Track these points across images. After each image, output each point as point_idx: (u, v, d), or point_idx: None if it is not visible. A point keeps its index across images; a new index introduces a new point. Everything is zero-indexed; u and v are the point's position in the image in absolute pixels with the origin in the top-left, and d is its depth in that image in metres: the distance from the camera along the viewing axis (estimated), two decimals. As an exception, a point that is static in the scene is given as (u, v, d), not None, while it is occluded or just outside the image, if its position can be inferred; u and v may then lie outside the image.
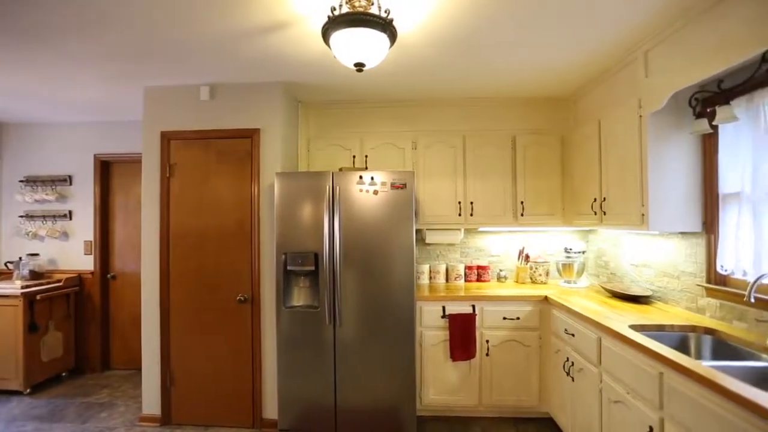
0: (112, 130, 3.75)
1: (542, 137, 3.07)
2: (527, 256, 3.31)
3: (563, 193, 3.07)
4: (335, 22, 1.63)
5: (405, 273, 2.52)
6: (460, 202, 3.07)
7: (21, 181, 3.78)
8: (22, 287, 3.25)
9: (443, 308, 2.76)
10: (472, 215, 3.07)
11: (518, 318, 2.74)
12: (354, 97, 3.10)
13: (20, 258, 3.62)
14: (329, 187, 2.54)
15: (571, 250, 3.17)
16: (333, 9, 1.64)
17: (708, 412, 1.31)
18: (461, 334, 2.71)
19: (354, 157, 3.13)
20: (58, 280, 3.59)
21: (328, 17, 1.64)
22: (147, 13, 1.84)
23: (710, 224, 2.09)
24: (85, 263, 3.76)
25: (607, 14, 1.88)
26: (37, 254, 3.73)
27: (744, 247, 1.85)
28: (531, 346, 2.74)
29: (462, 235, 3.28)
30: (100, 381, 3.57)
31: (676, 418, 1.46)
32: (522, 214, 3.06)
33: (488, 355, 2.74)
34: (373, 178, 2.54)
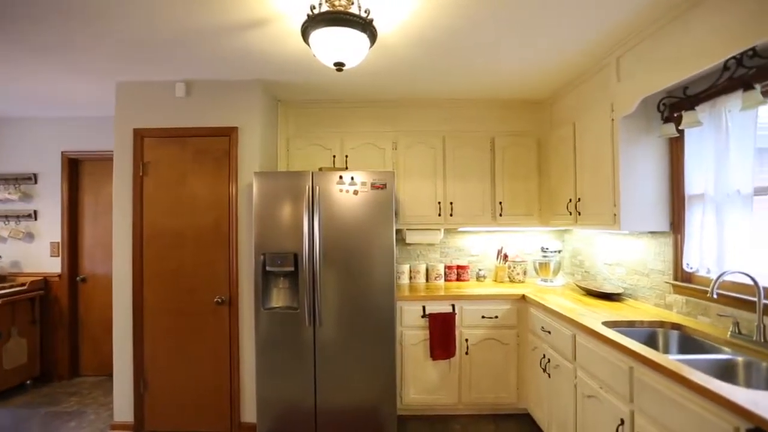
0: (81, 126, 3.60)
1: (520, 139, 3.13)
2: (506, 256, 3.37)
3: (540, 193, 3.14)
4: (315, 21, 1.61)
5: (385, 273, 2.53)
6: (440, 203, 3.10)
7: (-19, 180, 3.59)
8: (-18, 291, 3.08)
9: (423, 308, 2.78)
10: (451, 215, 3.10)
11: (497, 317, 2.79)
12: (334, 96, 3.09)
13: (-20, 260, 3.44)
14: (309, 187, 2.52)
15: (547, 249, 3.24)
16: (312, 7, 1.63)
17: (674, 403, 1.37)
18: (441, 334, 2.73)
19: (334, 157, 3.11)
20: (22, 284, 3.41)
21: (308, 16, 1.63)
22: (117, 4, 1.78)
23: (677, 224, 2.18)
24: (52, 265, 3.60)
25: (582, 20, 1.93)
26: (-2, 256, 3.55)
27: (707, 246, 1.94)
28: (509, 344, 2.79)
29: (442, 235, 3.32)
30: (69, 389, 3.42)
31: (646, 410, 1.52)
32: (500, 215, 3.11)
33: (468, 353, 2.78)
34: (353, 178, 2.53)
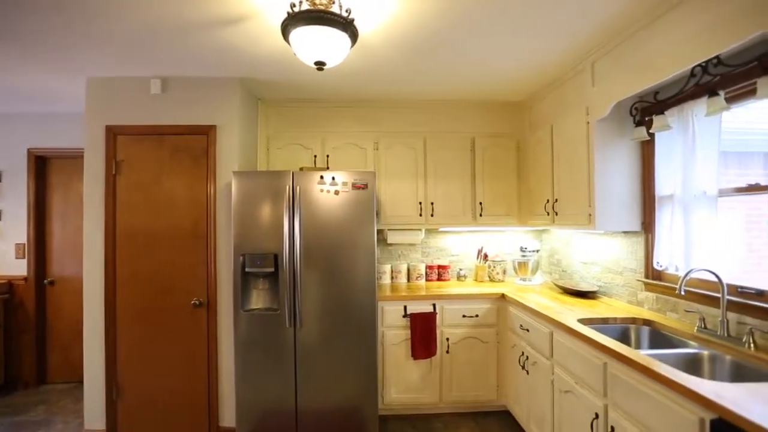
0: (49, 122, 3.45)
1: (500, 140, 3.19)
2: (486, 255, 3.42)
3: (519, 194, 3.20)
4: (295, 19, 1.60)
5: (366, 273, 2.52)
6: (421, 203, 3.12)
7: (-61, 178, 3.39)
8: (-59, 296, 2.91)
9: (405, 308, 2.79)
10: (432, 215, 3.12)
11: (477, 315, 2.82)
12: (316, 96, 3.07)
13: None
14: (289, 187, 2.49)
15: (526, 249, 3.31)
16: (293, 5, 1.61)
17: (645, 397, 1.42)
18: (422, 333, 2.75)
19: (315, 156, 3.09)
20: (-15, 287, 3.25)
21: (288, 13, 1.61)
22: (89, -2, 1.71)
23: (648, 224, 2.26)
24: (17, 268, 3.44)
25: (559, 25, 1.98)
26: (-42, 259, 3.36)
27: (676, 245, 2.02)
28: (489, 342, 2.83)
29: (423, 235, 3.34)
30: (35, 397, 3.27)
31: (619, 404, 1.57)
32: (481, 215, 3.16)
33: (448, 352, 2.81)
34: (334, 178, 2.52)
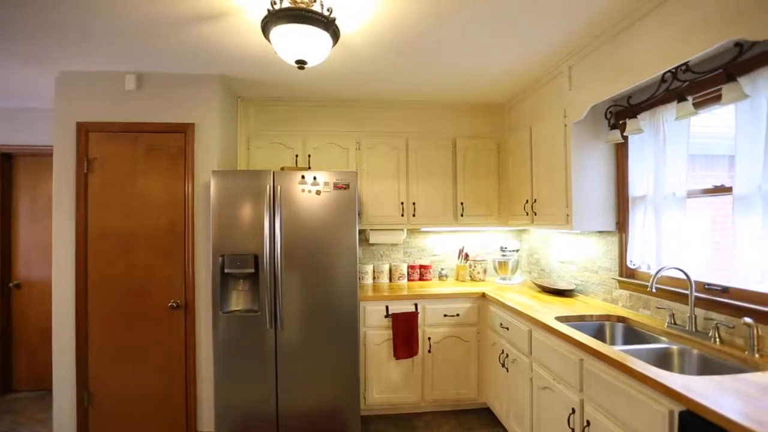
0: (16, 118, 3.29)
1: (480, 141, 3.23)
2: (467, 255, 3.46)
3: (499, 194, 3.26)
4: (275, 17, 1.58)
5: (348, 274, 2.51)
6: (402, 203, 3.13)
7: None
8: None
9: (387, 308, 2.79)
10: (414, 216, 3.14)
11: (458, 315, 2.85)
12: (297, 94, 3.04)
13: None
14: (270, 187, 2.46)
15: (506, 248, 3.37)
16: (273, 2, 1.59)
17: (619, 391, 1.47)
18: (404, 333, 2.76)
19: (297, 156, 3.06)
20: (-55, 291, 3.08)
21: (268, 11, 1.59)
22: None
23: (622, 224, 2.33)
24: (-19, 271, 3.27)
25: (538, 30, 2.02)
26: None
27: (648, 244, 2.09)
28: (470, 341, 2.86)
29: (405, 235, 3.35)
30: (0, 406, 3.12)
31: (594, 398, 1.61)
32: (462, 215, 3.19)
33: (430, 351, 2.82)
34: (315, 178, 2.50)
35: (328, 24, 1.64)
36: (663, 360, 1.73)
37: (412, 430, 2.68)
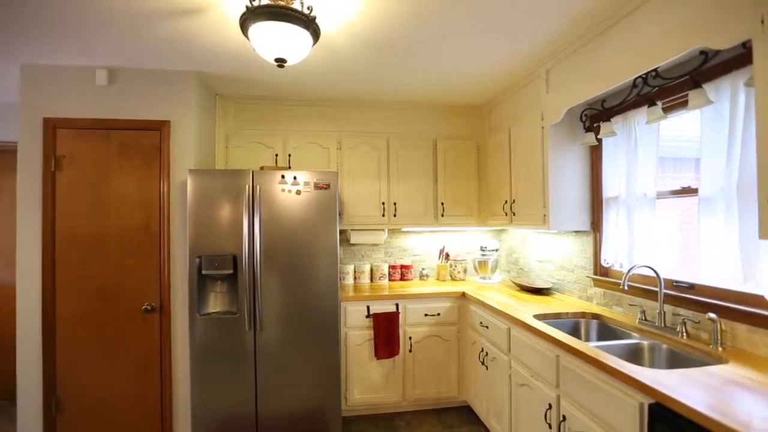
0: (-23, 113, 3.13)
1: (461, 142, 3.27)
2: (447, 255, 3.49)
3: (479, 195, 3.30)
4: (254, 14, 1.55)
5: (329, 274, 2.50)
6: (384, 203, 3.13)
7: None
8: None
9: (368, 308, 2.79)
10: (395, 216, 3.15)
11: (439, 314, 2.88)
12: (277, 93, 3.00)
13: None
14: (249, 187, 2.42)
15: (486, 248, 3.42)
16: (252, -1, 1.56)
17: (593, 386, 1.51)
18: (385, 333, 2.76)
19: (277, 155, 3.02)
20: None
21: (247, 7, 1.56)
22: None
23: (597, 224, 2.40)
24: (-62, 274, 3.09)
25: (516, 32, 2.06)
26: None
27: (620, 244, 2.17)
28: (450, 340, 2.89)
29: (386, 236, 3.36)
30: (-41, 416, 2.96)
31: (570, 394, 1.66)
32: (443, 215, 3.22)
33: (411, 351, 2.84)
34: (296, 178, 2.47)
35: (308, 22, 1.63)
36: (634, 355, 1.79)
37: (394, 429, 2.69)
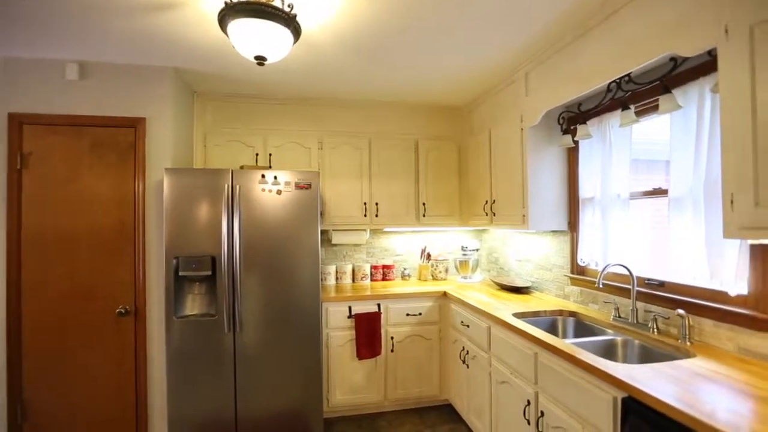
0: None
1: (442, 143, 3.30)
2: (429, 255, 3.51)
3: (460, 195, 3.34)
4: (233, 10, 1.53)
5: (310, 274, 2.48)
6: (365, 203, 3.13)
7: None
8: None
9: (349, 308, 2.78)
10: (377, 216, 3.15)
11: (420, 314, 2.89)
12: (258, 91, 2.95)
13: None
14: (228, 186, 2.37)
15: (467, 248, 3.46)
16: (231, -5, 1.54)
17: (569, 382, 1.55)
18: (367, 333, 2.76)
19: (257, 155, 2.97)
20: None
21: (225, 3, 1.53)
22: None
23: (574, 224, 2.47)
24: None
25: (497, 36, 2.10)
26: None
27: (596, 243, 2.23)
28: (432, 339, 2.91)
29: (368, 236, 3.35)
30: None
31: (547, 390, 1.69)
32: (424, 215, 3.24)
33: (393, 351, 2.84)
34: (276, 178, 2.44)
35: (289, 20, 1.61)
36: (609, 351, 1.84)
37: (376, 430, 2.69)
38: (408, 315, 2.87)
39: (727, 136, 1.24)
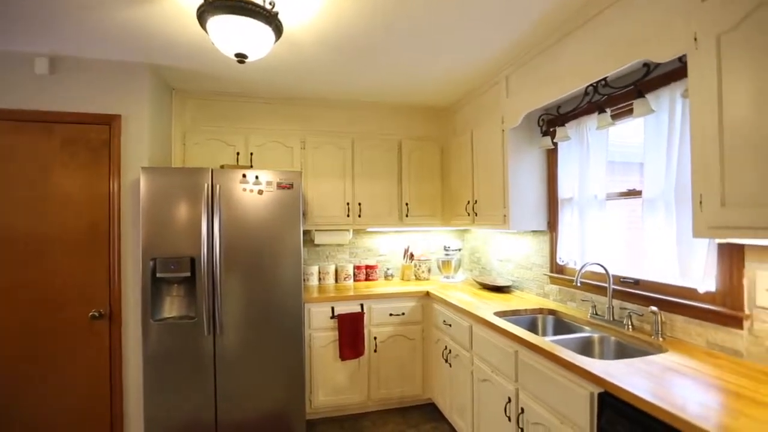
0: None
1: (425, 143, 3.32)
2: (412, 255, 3.53)
3: (443, 196, 3.37)
4: (212, 6, 1.50)
5: (292, 275, 2.46)
6: (348, 203, 3.12)
7: None
8: None
9: (332, 309, 2.76)
10: (360, 216, 3.14)
11: (403, 313, 2.90)
12: (239, 89, 2.90)
13: None
14: (208, 186, 2.33)
15: (449, 248, 3.49)
16: (210, -9, 1.51)
17: (548, 378, 1.58)
18: (350, 333, 2.75)
19: (238, 154, 2.92)
20: None
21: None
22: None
23: (553, 224, 2.52)
24: None
25: (478, 39, 2.12)
26: None
27: (574, 242, 2.29)
28: (415, 338, 2.93)
29: (351, 236, 3.34)
30: None
31: (527, 387, 1.73)
32: (407, 215, 3.25)
33: (376, 351, 2.84)
34: (258, 177, 2.41)
35: (270, 18, 1.59)
36: (586, 348, 1.89)
37: (359, 430, 2.68)
38: (391, 315, 2.88)
39: (696, 140, 1.29)
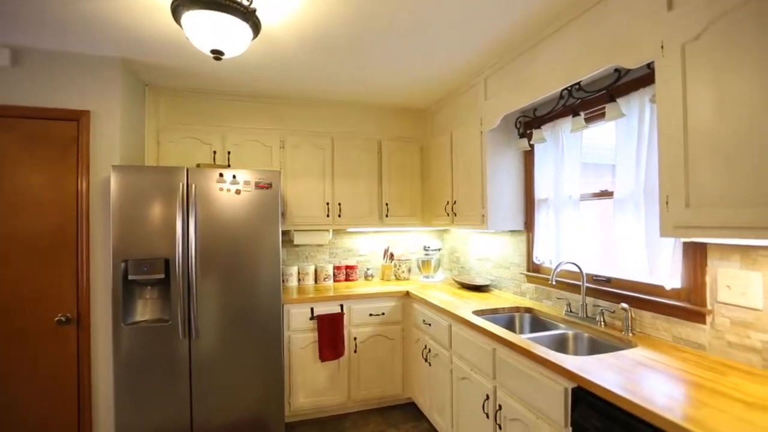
0: None
1: (405, 144, 3.33)
2: (392, 255, 3.54)
3: (423, 196, 3.39)
4: (188, 0, 1.46)
5: (271, 276, 2.42)
6: (328, 203, 3.10)
7: None
8: None
9: (312, 310, 2.74)
10: (340, 216, 3.13)
11: (383, 313, 2.91)
12: (216, 87, 2.84)
13: None
14: (183, 185, 2.26)
15: (429, 248, 3.52)
16: (185, -15, 1.47)
17: (524, 375, 1.62)
18: (330, 334, 2.73)
19: (215, 152, 2.85)
20: None
21: (179, -7, 1.46)
22: None
23: (530, 224, 2.58)
24: None
25: (455, 40, 2.15)
26: None
27: (550, 242, 2.34)
28: (395, 338, 2.93)
29: (330, 236, 3.32)
30: None
31: (505, 384, 1.76)
32: (387, 216, 3.26)
33: (356, 351, 2.84)
34: (235, 177, 2.36)
35: (247, 14, 1.56)
36: (561, 344, 1.94)
37: (340, 431, 2.67)
38: (371, 315, 2.88)
39: (663, 143, 1.35)
